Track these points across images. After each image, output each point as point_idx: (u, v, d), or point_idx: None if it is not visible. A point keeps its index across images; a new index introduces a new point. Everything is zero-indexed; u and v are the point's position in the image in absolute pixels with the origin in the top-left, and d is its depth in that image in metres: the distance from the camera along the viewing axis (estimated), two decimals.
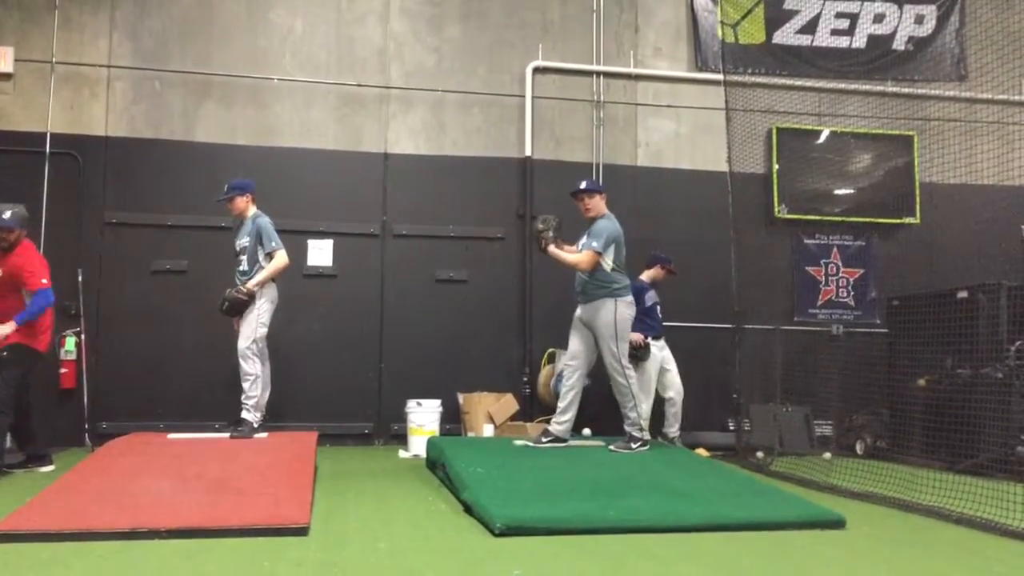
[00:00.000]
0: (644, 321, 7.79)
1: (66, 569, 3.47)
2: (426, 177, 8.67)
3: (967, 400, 6.69)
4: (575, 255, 6.48)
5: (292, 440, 6.44)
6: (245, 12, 8.55)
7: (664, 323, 7.96)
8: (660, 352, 7.81)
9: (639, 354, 7.71)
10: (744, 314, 7.97)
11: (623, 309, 6.38)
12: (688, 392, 7.86)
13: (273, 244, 6.69)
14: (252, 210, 6.83)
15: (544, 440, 6.43)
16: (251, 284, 6.60)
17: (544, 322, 8.48)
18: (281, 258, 6.71)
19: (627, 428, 6.43)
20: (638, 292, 7.82)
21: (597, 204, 6.54)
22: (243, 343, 6.58)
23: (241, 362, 6.58)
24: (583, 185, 6.60)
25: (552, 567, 3.67)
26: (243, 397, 6.59)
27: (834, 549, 4.16)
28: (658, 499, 4.86)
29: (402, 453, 7.61)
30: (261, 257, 6.69)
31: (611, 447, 6.40)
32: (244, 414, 6.55)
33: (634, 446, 6.33)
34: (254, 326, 6.61)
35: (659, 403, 7.84)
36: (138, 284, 8.09)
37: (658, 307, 7.90)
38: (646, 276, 7.94)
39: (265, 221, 6.74)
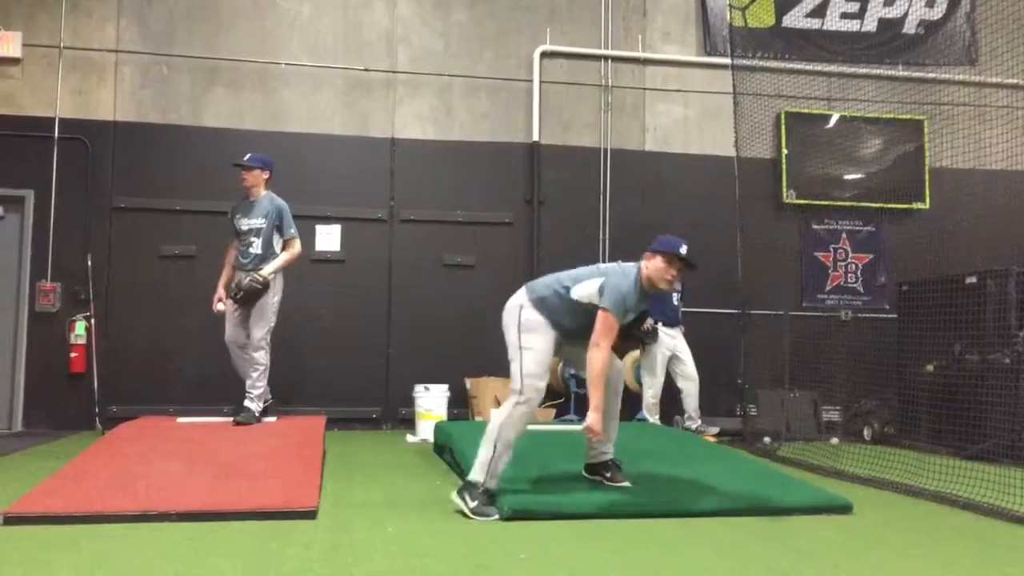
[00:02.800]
0: (654, 306, 7.79)
1: (76, 552, 3.50)
2: (433, 162, 8.66)
3: (975, 386, 6.68)
4: None
5: (300, 424, 6.48)
6: None
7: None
8: (671, 340, 7.79)
9: (645, 338, 7.70)
10: (751, 299, 7.96)
11: None
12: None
13: (292, 231, 6.54)
14: (265, 190, 6.61)
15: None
16: (267, 272, 6.40)
17: None
18: (298, 246, 6.61)
19: None
20: None
21: None
22: (259, 333, 6.40)
23: (254, 353, 6.42)
24: None
25: (558, 551, 3.69)
26: (248, 386, 6.46)
27: (841, 534, 4.16)
28: (665, 484, 4.88)
29: (410, 437, 7.63)
30: (276, 243, 6.51)
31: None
32: (248, 403, 6.43)
33: None
34: (268, 315, 6.45)
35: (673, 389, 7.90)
36: (147, 269, 8.11)
37: (674, 295, 7.87)
38: None
39: (285, 205, 6.57)
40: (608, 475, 4.86)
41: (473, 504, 4.28)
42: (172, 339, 8.07)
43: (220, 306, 6.62)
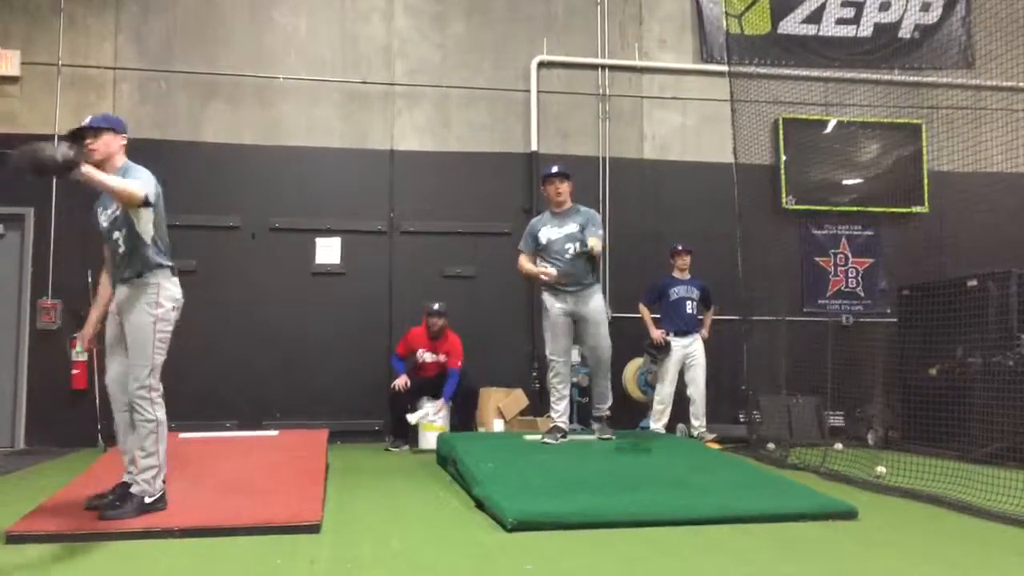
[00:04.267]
0: (667, 315, 7.80)
1: (80, 570, 3.49)
2: (432, 173, 8.67)
3: (979, 389, 6.66)
4: (597, 244, 6.24)
5: (303, 438, 6.46)
6: (249, 12, 8.56)
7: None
8: (684, 349, 7.78)
9: (658, 352, 7.72)
10: (753, 306, 7.96)
11: None
12: None
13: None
14: (124, 160, 4.59)
15: (559, 437, 6.33)
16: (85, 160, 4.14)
17: None
18: (141, 194, 4.36)
19: (606, 409, 6.59)
20: (663, 287, 7.82)
21: (570, 191, 6.48)
22: (140, 373, 4.41)
23: (142, 407, 4.40)
24: (559, 169, 6.47)
25: (564, 561, 3.67)
26: (131, 461, 4.37)
27: (847, 540, 4.15)
28: (670, 492, 4.86)
29: (410, 448, 7.63)
30: (147, 235, 4.54)
31: (606, 435, 6.42)
32: (135, 487, 4.25)
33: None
34: (148, 343, 4.43)
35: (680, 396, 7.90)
36: None
37: (688, 303, 7.85)
38: (677, 272, 7.96)
39: (145, 170, 4.54)
40: (597, 427, 6.57)
41: None
42: (173, 355, 7.98)
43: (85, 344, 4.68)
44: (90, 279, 7.93)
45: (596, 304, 6.42)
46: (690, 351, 7.80)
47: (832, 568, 3.62)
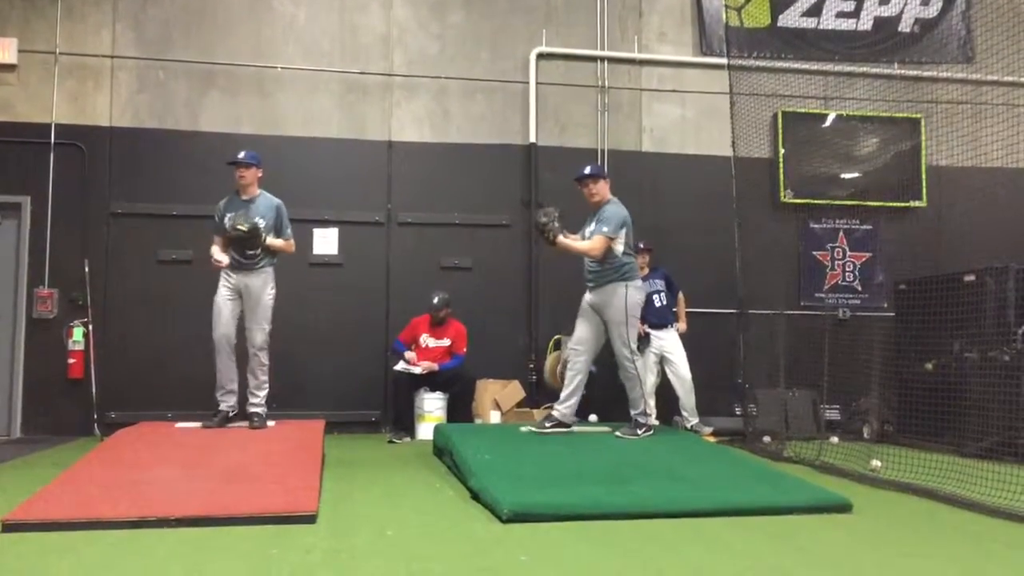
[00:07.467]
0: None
1: (76, 558, 3.49)
2: (430, 165, 8.66)
3: (975, 384, 6.67)
4: (585, 243, 6.27)
5: (300, 428, 6.46)
6: (248, 1, 8.52)
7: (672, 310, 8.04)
8: (659, 341, 7.81)
9: (639, 345, 7.72)
10: (749, 299, 7.96)
11: (633, 293, 6.27)
12: (694, 377, 7.85)
13: (289, 231, 6.69)
14: (259, 188, 6.72)
15: (547, 425, 6.39)
16: (268, 242, 6.49)
17: (550, 308, 8.49)
18: (293, 246, 6.81)
19: (633, 415, 6.41)
20: None
21: (602, 189, 6.43)
22: (260, 337, 6.53)
23: (260, 353, 6.56)
24: (587, 170, 6.50)
25: (559, 553, 3.68)
26: (255, 387, 6.60)
27: (841, 533, 4.16)
28: (665, 484, 4.87)
29: (407, 439, 7.63)
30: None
31: (617, 433, 6.32)
32: (258, 408, 6.58)
33: (639, 432, 6.28)
34: (268, 315, 6.55)
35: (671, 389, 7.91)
36: (144, 274, 8.10)
37: (656, 297, 7.87)
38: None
39: (282, 204, 6.69)
40: (617, 433, 6.32)
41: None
42: (170, 344, 8.05)
43: (222, 257, 6.45)
44: (87, 268, 7.94)
45: (613, 303, 6.25)
46: (665, 344, 7.83)
47: (827, 561, 3.62)
